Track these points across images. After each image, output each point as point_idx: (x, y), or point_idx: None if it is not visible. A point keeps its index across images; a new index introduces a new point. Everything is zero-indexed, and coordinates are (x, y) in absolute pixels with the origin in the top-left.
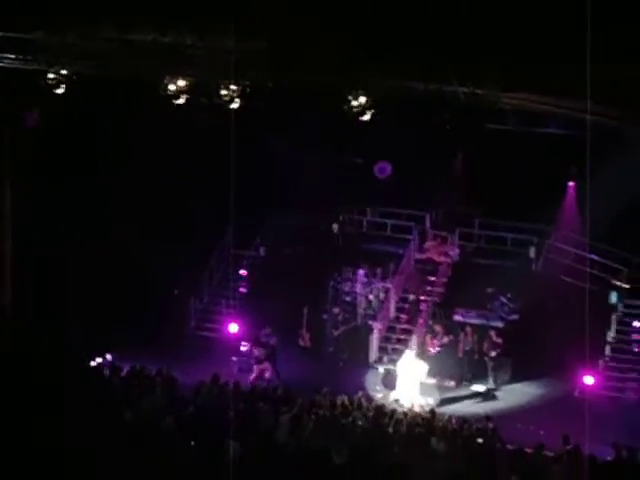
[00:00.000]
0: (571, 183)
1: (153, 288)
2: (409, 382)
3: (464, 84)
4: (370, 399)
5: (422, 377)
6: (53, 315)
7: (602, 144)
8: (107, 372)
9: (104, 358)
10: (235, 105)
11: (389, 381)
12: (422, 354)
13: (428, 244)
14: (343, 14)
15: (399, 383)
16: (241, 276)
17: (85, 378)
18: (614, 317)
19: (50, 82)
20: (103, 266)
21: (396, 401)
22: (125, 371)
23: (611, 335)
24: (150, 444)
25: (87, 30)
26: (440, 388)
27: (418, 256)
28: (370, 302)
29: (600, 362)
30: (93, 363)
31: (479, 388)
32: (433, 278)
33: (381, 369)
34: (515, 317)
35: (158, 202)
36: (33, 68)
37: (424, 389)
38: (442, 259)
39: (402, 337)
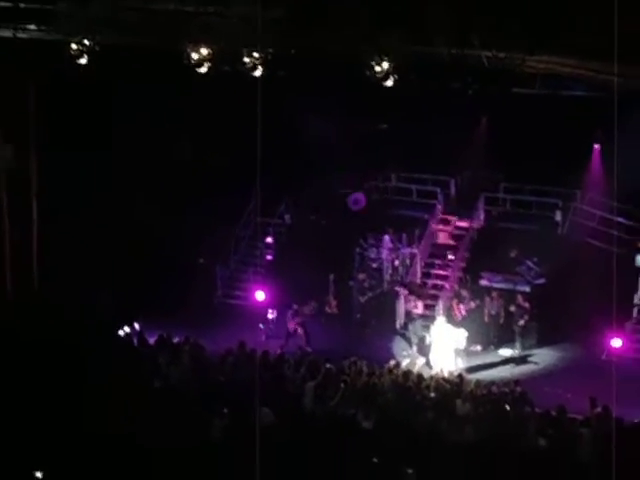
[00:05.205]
0: (597, 145)
1: (179, 257)
2: (443, 348)
3: (487, 48)
4: (398, 365)
5: (460, 343)
6: (81, 285)
7: (628, 106)
8: (135, 341)
9: (132, 327)
10: (258, 73)
11: (422, 347)
12: (449, 319)
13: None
14: None
15: (433, 349)
16: (267, 244)
17: (113, 347)
18: None
19: (73, 53)
20: (129, 236)
21: (425, 366)
22: (152, 340)
23: (638, 297)
24: (180, 411)
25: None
26: (467, 353)
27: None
28: (396, 268)
29: (627, 325)
30: (121, 332)
31: (506, 353)
32: (459, 243)
33: (414, 335)
34: (542, 281)
35: (182, 171)
36: (56, 39)
37: (454, 354)
38: (450, 242)
39: (429, 303)
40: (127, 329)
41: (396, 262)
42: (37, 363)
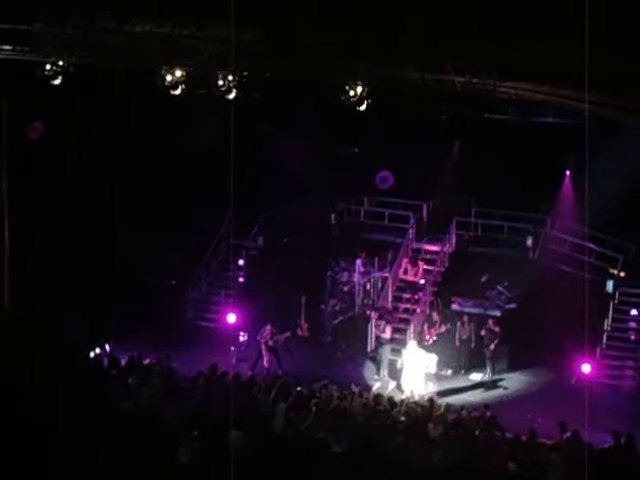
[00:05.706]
0: (568, 172)
1: (151, 279)
2: (414, 372)
3: (461, 73)
4: (368, 388)
5: (430, 368)
6: (52, 307)
7: (600, 132)
8: (105, 362)
9: (103, 349)
10: (232, 95)
11: (393, 371)
12: (420, 343)
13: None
14: (339, 3)
15: (404, 373)
16: (239, 266)
17: (84, 369)
18: (611, 305)
19: (47, 73)
20: (101, 257)
21: (395, 390)
22: (123, 361)
23: (608, 323)
24: (149, 433)
25: (84, 21)
26: (438, 377)
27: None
28: (368, 292)
29: (597, 350)
30: (92, 354)
31: (476, 377)
32: (431, 267)
33: (384, 360)
34: (512, 306)
35: (155, 193)
36: (30, 59)
37: (424, 378)
38: (418, 279)
39: (400, 327)
40: (98, 350)
41: (368, 286)
42: (5, 383)
